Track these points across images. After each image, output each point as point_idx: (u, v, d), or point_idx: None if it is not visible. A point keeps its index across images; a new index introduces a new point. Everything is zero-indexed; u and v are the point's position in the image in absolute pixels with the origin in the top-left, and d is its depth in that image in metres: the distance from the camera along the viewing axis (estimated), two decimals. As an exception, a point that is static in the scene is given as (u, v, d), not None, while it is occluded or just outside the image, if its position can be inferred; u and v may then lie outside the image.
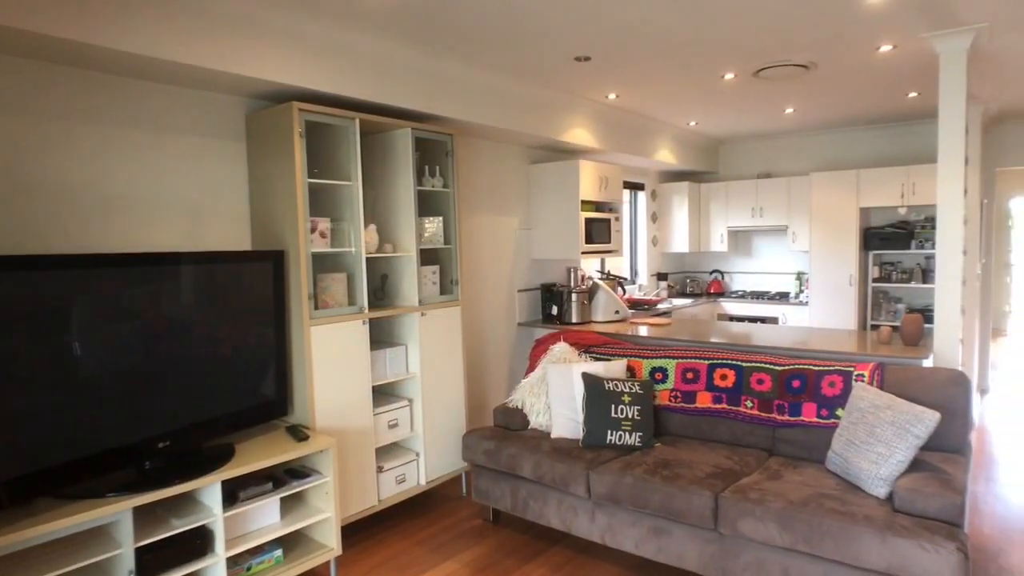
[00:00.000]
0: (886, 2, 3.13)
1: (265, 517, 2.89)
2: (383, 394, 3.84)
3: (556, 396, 3.62)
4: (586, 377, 3.50)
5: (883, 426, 2.80)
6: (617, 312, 4.89)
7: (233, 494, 2.75)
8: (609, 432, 3.39)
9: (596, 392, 3.44)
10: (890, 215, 6.36)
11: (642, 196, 6.83)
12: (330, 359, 3.26)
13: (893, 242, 6.14)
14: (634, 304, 5.70)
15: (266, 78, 3.00)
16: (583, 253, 4.93)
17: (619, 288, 5.43)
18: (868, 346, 3.67)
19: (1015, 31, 3.56)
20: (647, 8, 3.10)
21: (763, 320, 6.58)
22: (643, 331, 4.42)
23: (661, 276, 6.90)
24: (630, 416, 3.41)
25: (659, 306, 5.83)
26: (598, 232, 5.06)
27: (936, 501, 2.52)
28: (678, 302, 6.31)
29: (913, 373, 3.15)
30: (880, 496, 2.72)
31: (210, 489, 2.65)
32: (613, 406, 3.42)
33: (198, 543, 2.64)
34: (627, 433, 3.39)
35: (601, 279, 5.16)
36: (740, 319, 6.70)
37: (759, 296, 6.82)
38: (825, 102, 5.26)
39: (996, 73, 4.43)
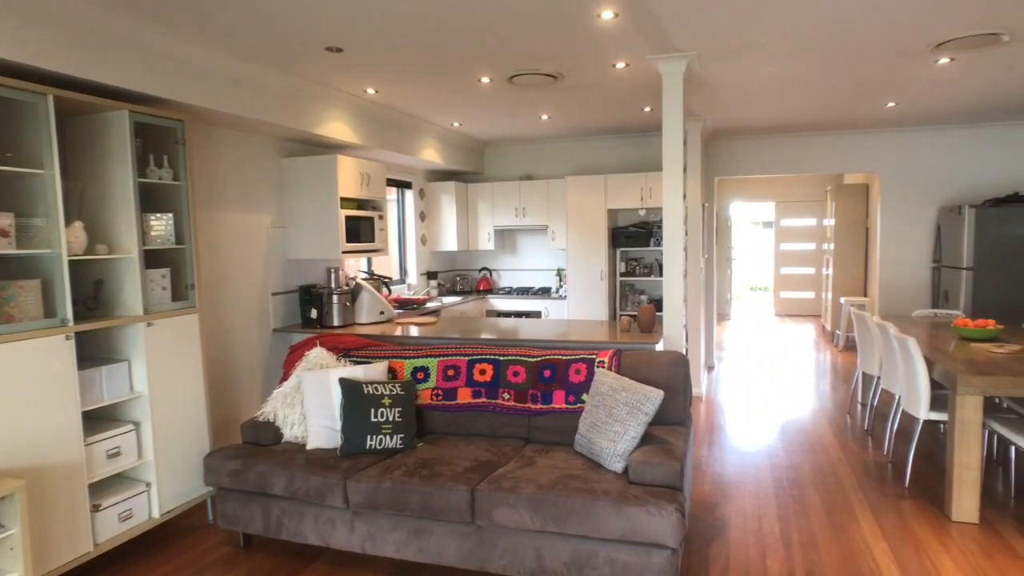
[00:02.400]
0: (616, 24, 3.42)
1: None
2: (100, 419, 3.28)
3: (312, 405, 3.40)
4: (344, 382, 3.33)
5: (619, 407, 3.05)
6: (382, 313, 4.78)
7: None
8: (369, 437, 3.27)
9: (355, 397, 3.30)
10: (633, 216, 7.09)
11: (410, 194, 6.79)
12: (17, 384, 2.67)
13: (636, 240, 6.86)
14: (402, 304, 5.63)
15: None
16: (345, 252, 4.73)
17: (384, 288, 5.31)
18: (612, 335, 4.00)
19: (719, 61, 4.13)
20: (397, 1, 3.02)
21: (528, 315, 6.94)
22: (413, 331, 4.36)
23: (431, 275, 6.93)
24: (391, 419, 3.32)
25: (428, 305, 5.83)
26: (362, 231, 4.90)
27: (661, 470, 2.80)
28: (448, 300, 6.39)
29: (645, 357, 3.49)
30: (618, 471, 2.96)
31: None
32: (373, 410, 3.31)
33: None
34: (388, 436, 3.30)
35: (365, 279, 4.99)
36: (507, 314, 7.00)
37: (524, 292, 7.18)
38: (575, 111, 5.67)
39: (711, 95, 5.12)
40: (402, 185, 6.65)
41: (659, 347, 3.84)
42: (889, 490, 3.92)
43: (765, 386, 6.57)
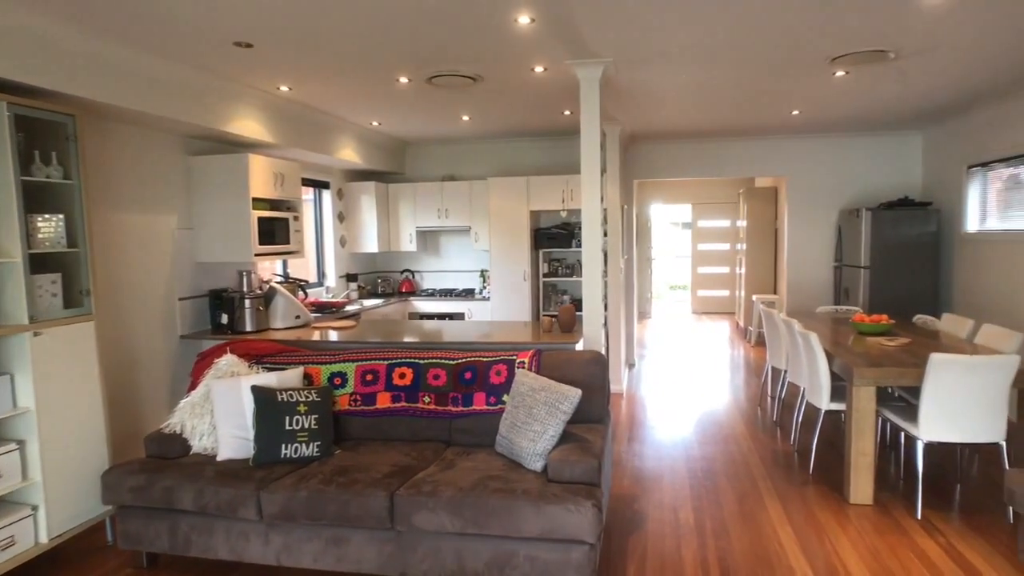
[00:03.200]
0: (533, 29, 3.45)
1: None
2: (-21, 439, 3.02)
3: (223, 414, 3.25)
4: (257, 390, 3.21)
5: (539, 407, 3.07)
6: (298, 317, 4.63)
7: None
8: (284, 446, 3.17)
9: (268, 405, 3.19)
10: (555, 217, 7.18)
11: (327, 195, 6.62)
12: None
13: (558, 241, 6.95)
14: (320, 307, 5.48)
15: None
16: (258, 255, 4.56)
17: (300, 291, 5.15)
18: (534, 335, 4.03)
19: (634, 68, 4.23)
20: (302, -6, 2.94)
21: (451, 316, 6.90)
22: (332, 336, 4.25)
23: (351, 277, 6.78)
24: (307, 426, 3.23)
25: (347, 308, 5.70)
26: (276, 232, 4.73)
27: (579, 467, 2.84)
28: (369, 303, 6.27)
29: (564, 356, 3.53)
30: (538, 470, 2.99)
31: None
32: (288, 418, 3.20)
33: None
34: (304, 444, 3.20)
35: (280, 283, 4.83)
36: (430, 317, 6.94)
37: (447, 293, 7.14)
38: (496, 113, 5.69)
39: (628, 100, 5.25)
40: (319, 185, 6.47)
41: (579, 346, 3.90)
42: (795, 477, 4.13)
43: (683, 382, 6.80)
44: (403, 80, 4.44)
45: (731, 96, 5.14)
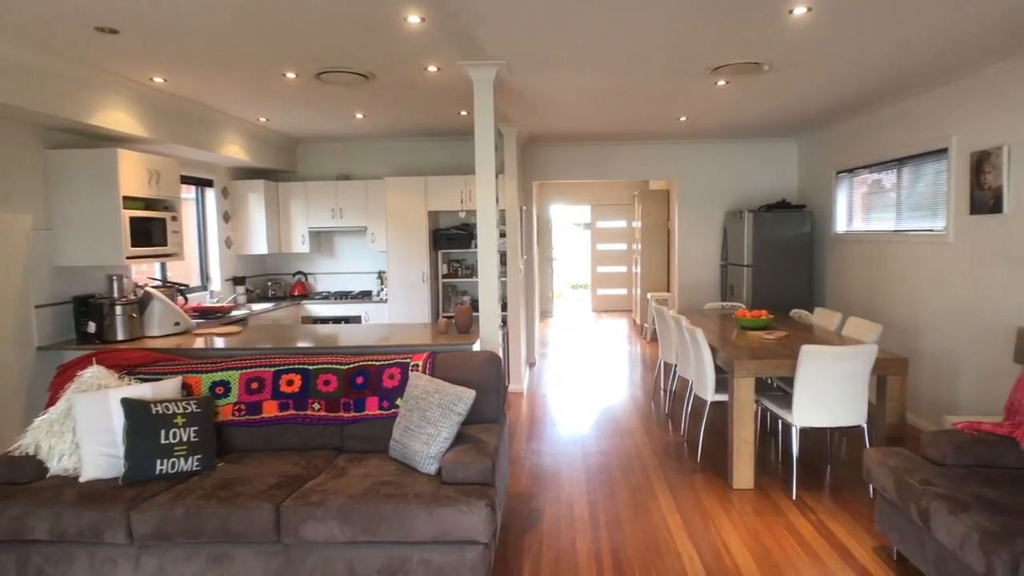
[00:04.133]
0: (423, 28, 3.40)
1: None
2: None
3: (87, 431, 2.98)
4: (127, 403, 2.98)
5: (432, 409, 3.03)
6: (177, 324, 4.33)
7: None
8: (159, 462, 2.95)
9: (141, 419, 2.96)
10: (454, 218, 7.15)
11: (211, 193, 6.25)
12: None
13: (458, 242, 6.92)
14: (204, 313, 5.16)
15: None
16: (131, 258, 4.23)
17: (180, 296, 4.83)
18: (432, 337, 3.98)
19: (528, 71, 4.27)
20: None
21: (347, 320, 6.71)
22: (219, 343, 3.99)
23: (238, 280, 6.44)
24: (185, 439, 3.02)
25: (233, 313, 5.41)
26: (152, 233, 4.41)
27: (473, 468, 2.82)
28: (258, 307, 5.98)
29: (460, 358, 3.51)
30: (432, 473, 2.94)
31: None
32: (164, 431, 2.99)
33: None
34: (182, 459, 3.00)
35: (157, 287, 4.50)
36: (325, 320, 6.71)
37: (343, 296, 6.93)
38: (391, 112, 5.58)
39: (524, 102, 5.29)
40: (202, 183, 6.10)
41: (476, 347, 3.88)
42: (685, 466, 4.31)
43: (582, 379, 6.96)
44: (290, 75, 4.26)
45: (623, 101, 5.31)
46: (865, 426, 3.86)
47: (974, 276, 4.47)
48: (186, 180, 5.79)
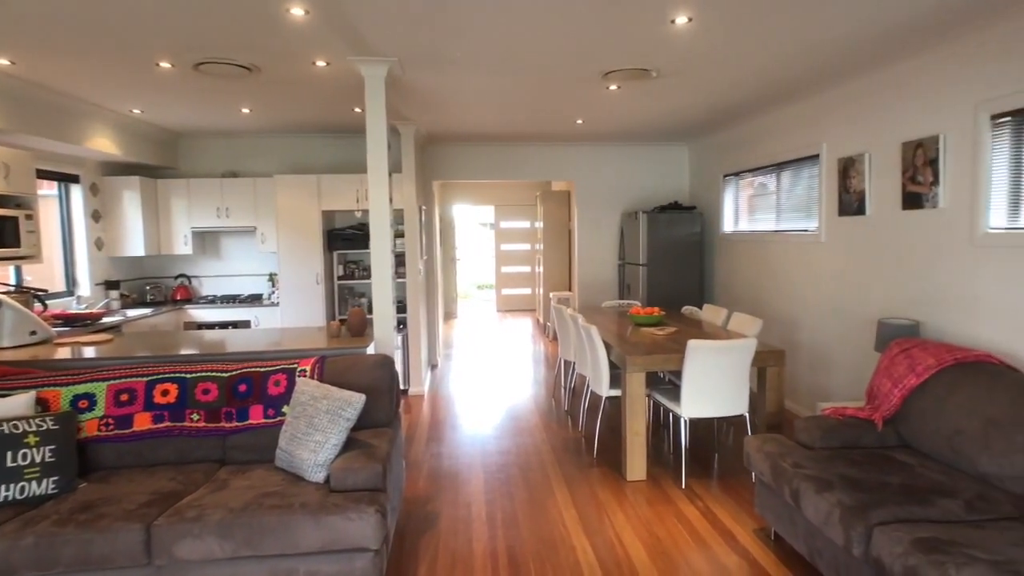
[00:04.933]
0: (307, 21, 3.25)
1: None
2: None
3: (-82, 455, 2.64)
4: (-34, 421, 2.65)
5: (320, 415, 2.91)
6: (34, 333, 3.92)
7: None
8: (4, 488, 2.66)
9: (-17, 438, 2.65)
10: (350, 218, 6.95)
11: (77, 190, 5.74)
12: None
13: (354, 242, 6.72)
14: (69, 320, 4.72)
15: None
16: (-22, 260, 3.80)
17: (37, 302, 4.39)
18: (324, 341, 3.82)
19: (422, 69, 4.19)
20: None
21: (235, 325, 6.36)
22: (88, 352, 3.64)
23: (111, 285, 5.94)
24: (38, 460, 2.74)
25: (104, 320, 4.98)
26: (3, 233, 3.98)
27: (363, 474, 2.73)
28: (134, 313, 5.54)
29: (350, 361, 3.39)
30: (320, 481, 2.82)
31: None
32: (11, 453, 2.71)
33: None
34: (34, 482, 2.72)
35: (8, 292, 4.06)
36: (211, 326, 6.33)
37: (231, 300, 6.56)
38: (279, 107, 5.33)
39: (421, 101, 5.19)
40: (66, 179, 5.58)
41: (371, 350, 3.77)
42: (582, 461, 4.38)
43: (485, 379, 6.94)
44: (164, 65, 3.97)
45: (520, 103, 5.33)
46: (748, 415, 4.07)
47: (842, 273, 4.83)
48: (45, 175, 5.28)
